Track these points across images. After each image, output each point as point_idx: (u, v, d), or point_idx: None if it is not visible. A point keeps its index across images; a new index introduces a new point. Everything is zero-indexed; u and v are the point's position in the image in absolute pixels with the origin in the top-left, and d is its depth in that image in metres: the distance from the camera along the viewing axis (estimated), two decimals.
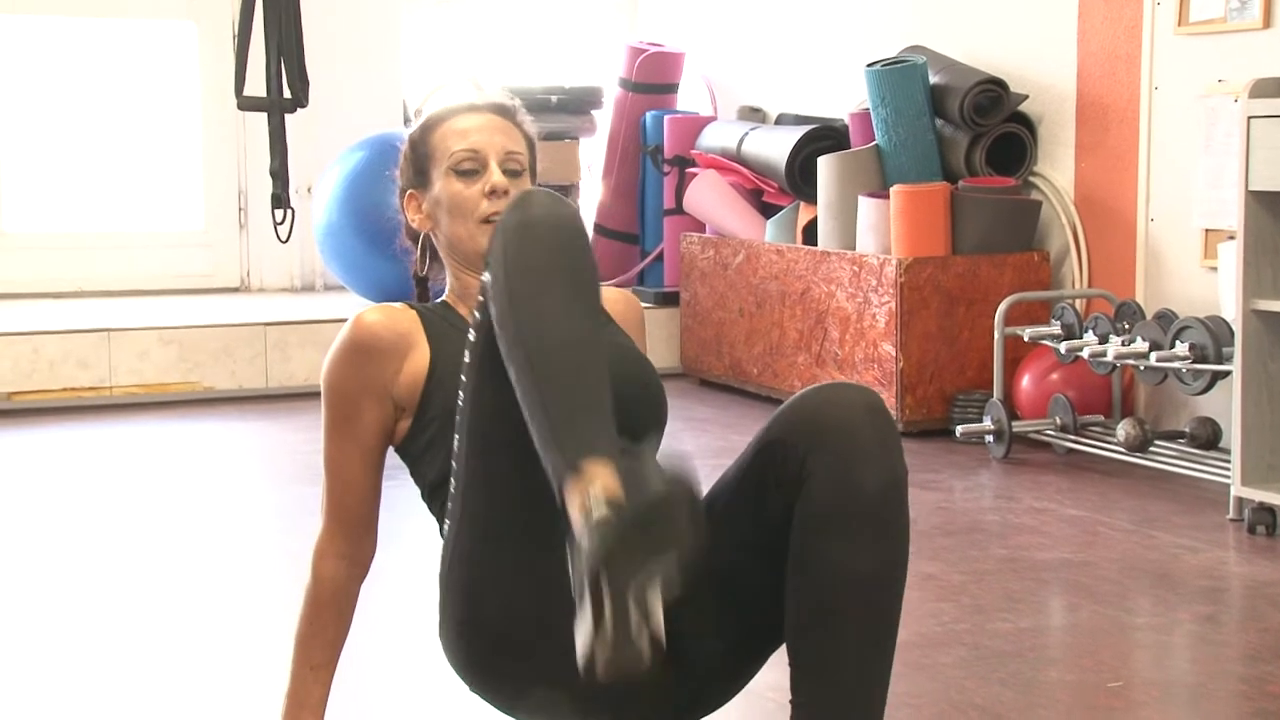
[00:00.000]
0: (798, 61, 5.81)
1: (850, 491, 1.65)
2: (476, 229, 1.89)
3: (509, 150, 1.92)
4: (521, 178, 1.92)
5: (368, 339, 1.85)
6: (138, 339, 5.15)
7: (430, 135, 1.94)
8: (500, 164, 1.90)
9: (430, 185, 1.94)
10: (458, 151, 1.91)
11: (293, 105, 4.95)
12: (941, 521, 3.59)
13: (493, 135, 1.92)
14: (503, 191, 1.88)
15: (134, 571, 3.24)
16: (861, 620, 1.66)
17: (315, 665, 1.93)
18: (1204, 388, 3.81)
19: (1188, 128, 4.19)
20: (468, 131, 1.92)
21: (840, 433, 1.66)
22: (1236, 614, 2.96)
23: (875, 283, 4.58)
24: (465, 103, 1.96)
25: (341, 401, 1.87)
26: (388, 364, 1.84)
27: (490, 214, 1.88)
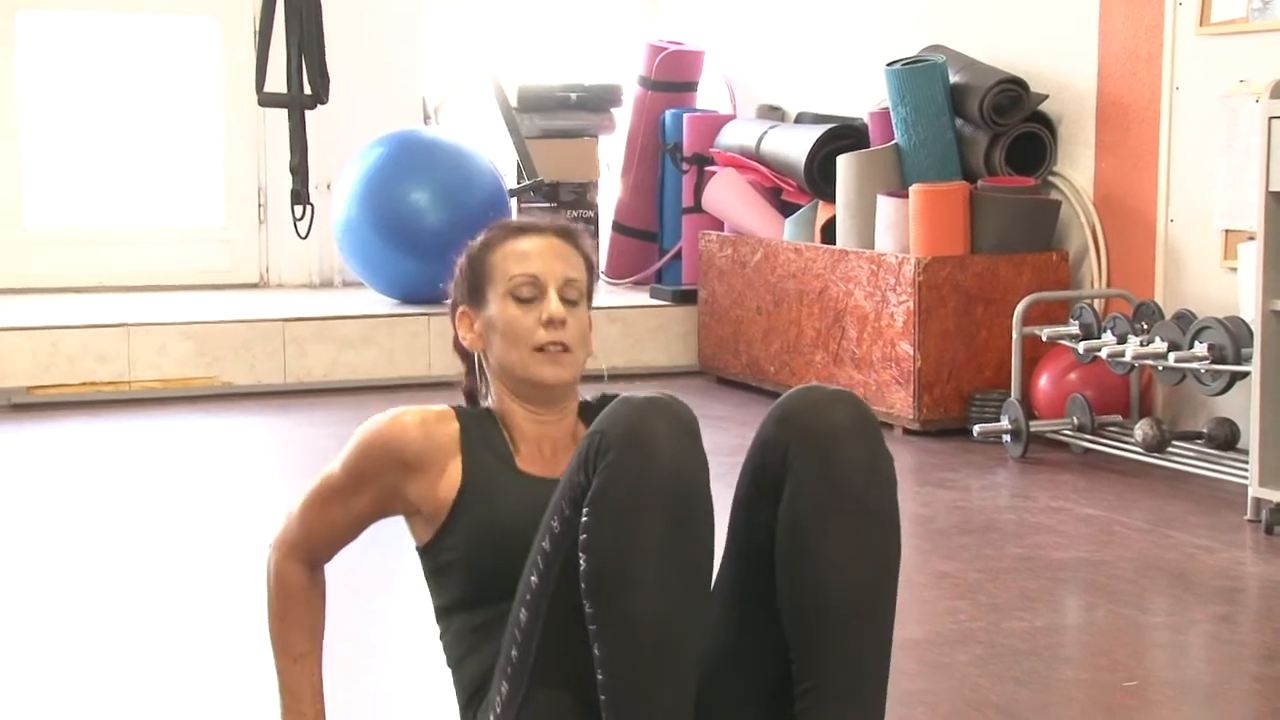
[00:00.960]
0: (817, 60, 5.81)
1: (832, 483, 1.67)
2: (529, 357, 1.84)
3: (569, 278, 1.87)
4: (579, 306, 1.88)
5: (398, 445, 1.82)
6: (157, 334, 5.18)
7: (489, 254, 1.89)
8: (559, 291, 1.85)
9: (485, 305, 1.88)
10: (517, 276, 1.85)
11: (313, 102, 4.97)
12: (958, 520, 3.58)
13: (553, 262, 1.86)
14: (560, 322, 1.83)
15: (152, 565, 3.26)
16: (856, 609, 1.65)
17: (298, 657, 1.92)
18: (1222, 388, 3.80)
19: (1209, 128, 4.17)
20: (528, 255, 1.86)
21: (819, 429, 1.68)
22: (1253, 614, 2.95)
23: (893, 282, 4.58)
24: (528, 222, 1.93)
25: (358, 476, 1.85)
26: (410, 474, 1.82)
27: (546, 343, 1.83)
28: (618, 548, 1.56)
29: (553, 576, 1.65)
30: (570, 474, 1.66)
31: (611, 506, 1.57)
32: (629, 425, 1.60)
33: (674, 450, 1.59)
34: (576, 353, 1.86)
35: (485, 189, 5.58)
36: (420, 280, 5.58)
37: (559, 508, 1.66)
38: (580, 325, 1.87)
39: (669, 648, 1.56)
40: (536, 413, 1.87)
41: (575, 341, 1.85)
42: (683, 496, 1.59)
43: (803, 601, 1.66)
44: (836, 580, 1.66)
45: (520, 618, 1.69)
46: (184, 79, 6.36)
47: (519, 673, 1.69)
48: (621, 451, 1.59)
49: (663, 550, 1.57)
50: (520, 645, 1.69)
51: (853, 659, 1.66)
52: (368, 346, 5.37)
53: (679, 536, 1.58)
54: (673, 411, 1.62)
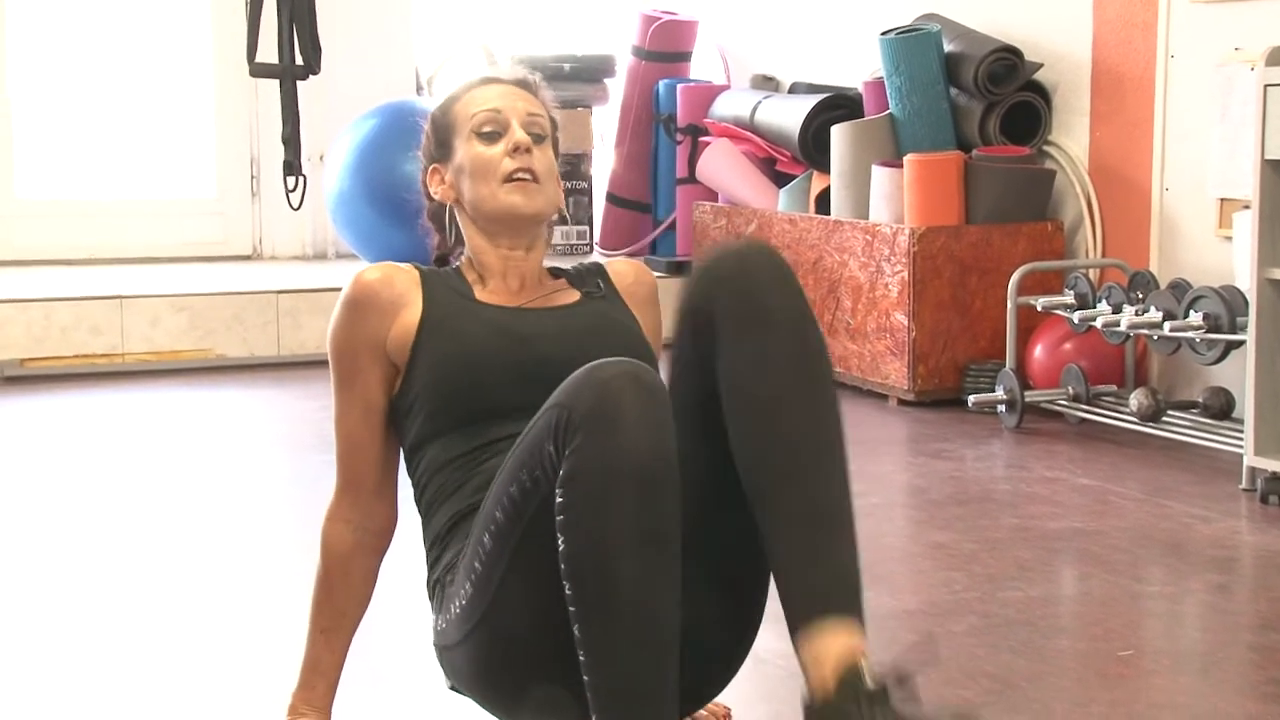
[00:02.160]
0: (811, 30, 5.78)
1: (756, 313, 1.66)
2: (499, 188, 1.89)
3: (531, 112, 1.92)
4: (544, 144, 1.92)
5: (364, 295, 1.87)
6: (150, 306, 5.16)
7: (452, 106, 1.95)
8: (523, 124, 1.91)
9: (453, 154, 1.93)
10: (479, 114, 1.91)
11: (305, 72, 4.94)
12: (953, 491, 3.59)
13: (514, 99, 1.93)
14: (525, 149, 1.89)
15: (147, 538, 3.25)
16: (800, 411, 1.65)
17: (324, 629, 1.94)
18: (1217, 357, 3.80)
19: (1204, 96, 4.16)
20: (489, 96, 1.93)
21: (739, 274, 1.69)
22: (1248, 583, 2.96)
23: (888, 252, 4.57)
24: (485, 75, 1.99)
25: (343, 360, 1.89)
26: (383, 320, 1.86)
27: (513, 171, 1.88)
28: (596, 531, 1.55)
29: (520, 527, 1.65)
30: (536, 437, 1.61)
31: (586, 490, 1.55)
32: (597, 405, 1.55)
33: (644, 428, 1.55)
34: (545, 184, 1.90)
35: None
36: (414, 252, 5.51)
37: (526, 464, 1.62)
38: (547, 160, 1.92)
39: (650, 624, 1.55)
40: (508, 247, 1.92)
41: (543, 173, 1.90)
42: (653, 478, 1.55)
43: (751, 442, 1.65)
44: (776, 384, 1.65)
45: (484, 541, 1.68)
46: (175, 49, 6.32)
47: (482, 588, 1.68)
48: (591, 434, 1.55)
49: (638, 529, 1.55)
50: (484, 564, 1.68)
51: (811, 481, 1.64)
52: None
53: (653, 513, 1.56)
54: (640, 384, 1.57)
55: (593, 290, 1.95)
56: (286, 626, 2.67)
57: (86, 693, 2.35)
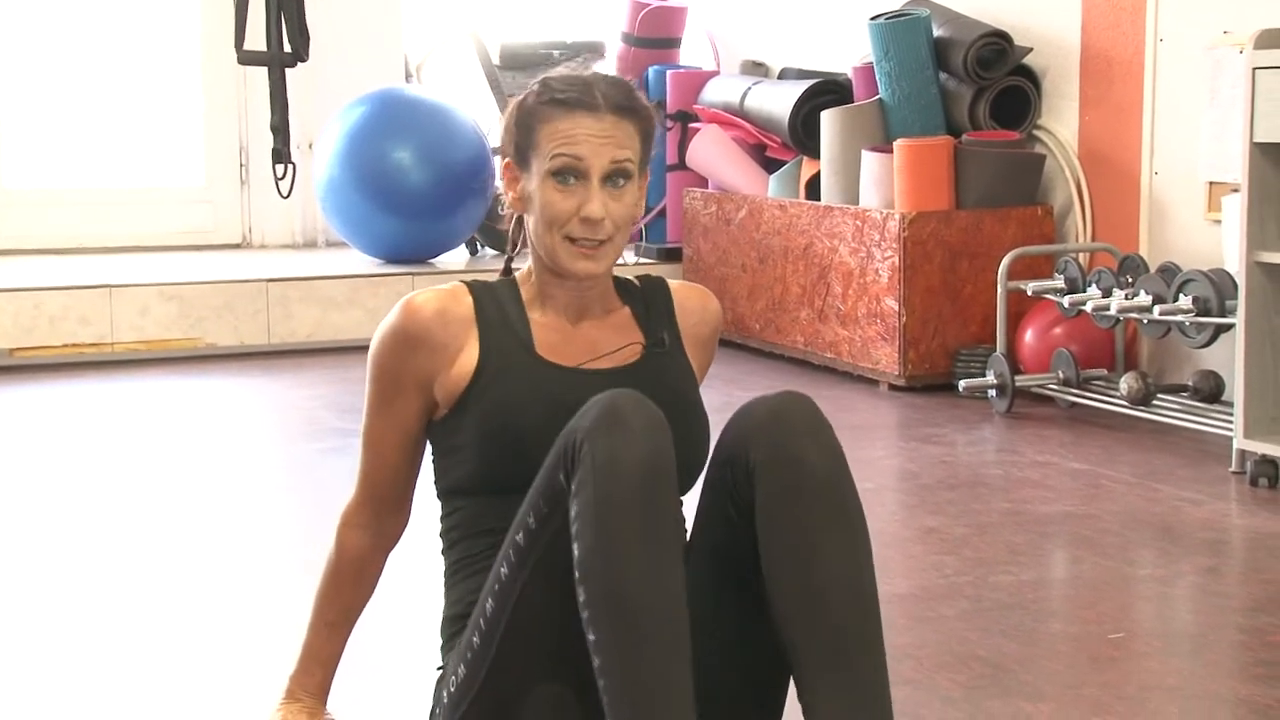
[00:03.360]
0: (801, 15, 5.78)
1: (796, 470, 1.65)
2: (560, 245, 1.76)
3: (616, 160, 1.75)
4: (628, 186, 1.77)
5: (417, 330, 1.77)
6: (139, 295, 5.15)
7: (538, 124, 1.76)
8: (604, 177, 1.75)
9: (527, 171, 1.78)
10: (560, 156, 1.74)
11: (293, 60, 4.93)
12: (944, 475, 3.59)
13: (601, 147, 1.74)
14: (599, 221, 1.74)
15: (139, 528, 3.25)
16: (843, 592, 1.63)
17: (330, 623, 1.93)
18: (1207, 341, 3.81)
19: (1193, 80, 4.16)
20: (575, 137, 1.74)
21: (773, 423, 1.67)
22: (1238, 566, 2.97)
23: (878, 237, 4.57)
24: (583, 91, 1.76)
25: (385, 383, 1.81)
26: (433, 359, 1.77)
27: (580, 238, 1.75)
28: (603, 529, 1.57)
29: (524, 573, 1.64)
30: (548, 472, 1.64)
31: (592, 490, 1.57)
32: (601, 417, 1.60)
33: (645, 431, 1.59)
34: (616, 239, 1.77)
35: (467, 148, 5.55)
36: (404, 239, 5.56)
37: (535, 505, 1.64)
38: (624, 209, 1.77)
39: (661, 620, 1.56)
40: (571, 291, 1.82)
41: (615, 229, 1.77)
42: (655, 474, 1.59)
43: (792, 592, 1.64)
44: (816, 559, 1.64)
45: (486, 606, 1.68)
46: (163, 37, 6.30)
47: (479, 661, 1.69)
48: (596, 440, 1.58)
49: (642, 525, 1.57)
50: (483, 634, 1.68)
51: (855, 667, 1.63)
52: (352, 306, 5.34)
53: (656, 510, 1.59)
54: (641, 400, 1.62)
55: (657, 345, 1.84)
56: (279, 615, 2.67)
57: (78, 684, 2.35)
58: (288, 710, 1.95)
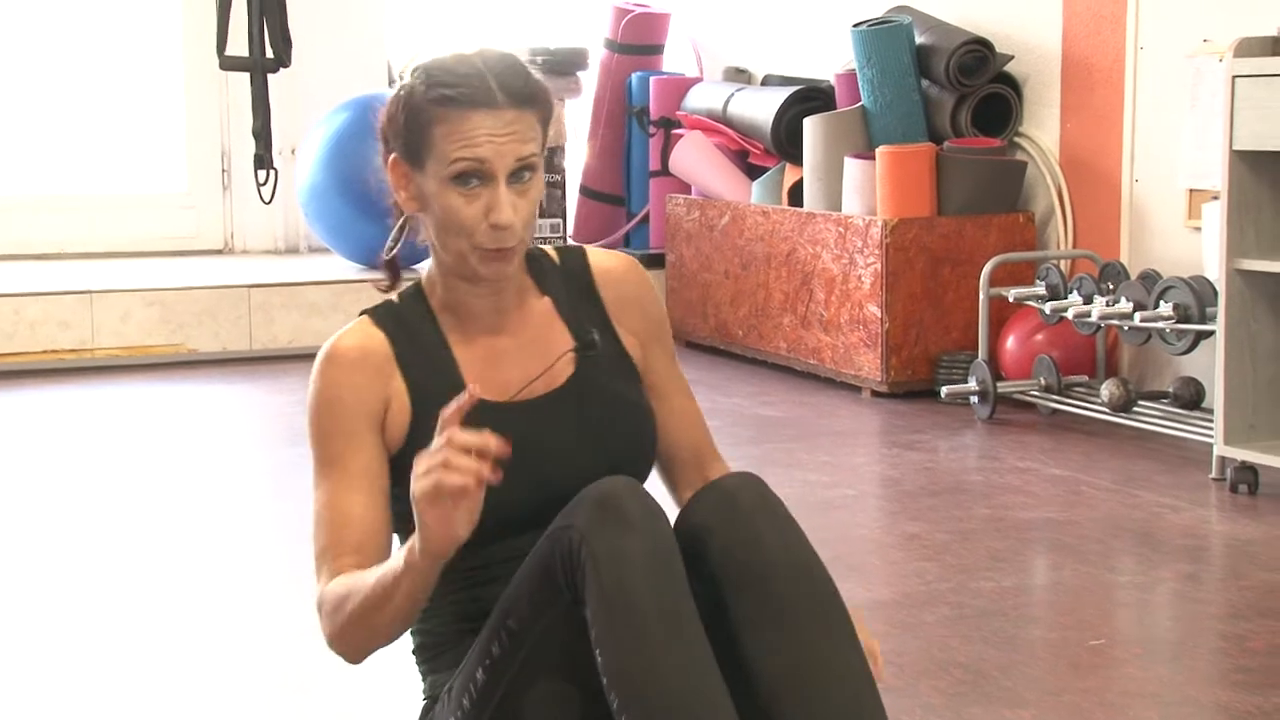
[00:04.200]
0: (784, 22, 5.79)
1: (755, 551, 1.59)
2: (469, 251, 1.64)
3: (521, 157, 1.62)
4: (532, 180, 1.64)
5: (348, 359, 1.66)
6: (120, 301, 5.13)
7: (432, 124, 1.61)
8: (509, 174, 1.61)
9: (422, 170, 1.64)
10: (460, 161, 1.60)
11: (275, 65, 4.92)
12: (926, 482, 3.60)
13: (505, 143, 1.60)
14: (507, 227, 1.62)
15: (119, 535, 3.24)
16: (828, 670, 1.57)
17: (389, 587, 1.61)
18: (1187, 348, 3.82)
19: (1173, 88, 4.18)
20: (475, 139, 1.60)
21: (725, 507, 1.61)
22: (1218, 572, 2.98)
23: (861, 244, 4.58)
24: (478, 85, 1.61)
25: (336, 432, 1.65)
26: (372, 393, 1.66)
27: (492, 248, 1.63)
28: (627, 639, 1.52)
29: (521, 654, 1.59)
30: (542, 561, 1.57)
31: (607, 603, 1.52)
32: (599, 513, 1.54)
33: (647, 521, 1.54)
34: (525, 235, 1.65)
35: None
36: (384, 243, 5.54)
37: (530, 594, 1.58)
38: (530, 204, 1.64)
39: (702, 709, 1.51)
40: (483, 292, 1.69)
41: (524, 227, 1.64)
42: (664, 561, 1.54)
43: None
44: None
45: (477, 677, 1.63)
46: (144, 43, 6.28)
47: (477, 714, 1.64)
48: (600, 538, 1.53)
49: (666, 627, 1.52)
50: (475, 701, 1.63)
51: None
52: (334, 312, 5.33)
53: (674, 608, 1.54)
54: (635, 489, 1.57)
55: (588, 348, 1.71)
56: (261, 621, 2.66)
57: (61, 689, 2.34)
58: None
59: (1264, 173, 3.42)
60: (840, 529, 3.18)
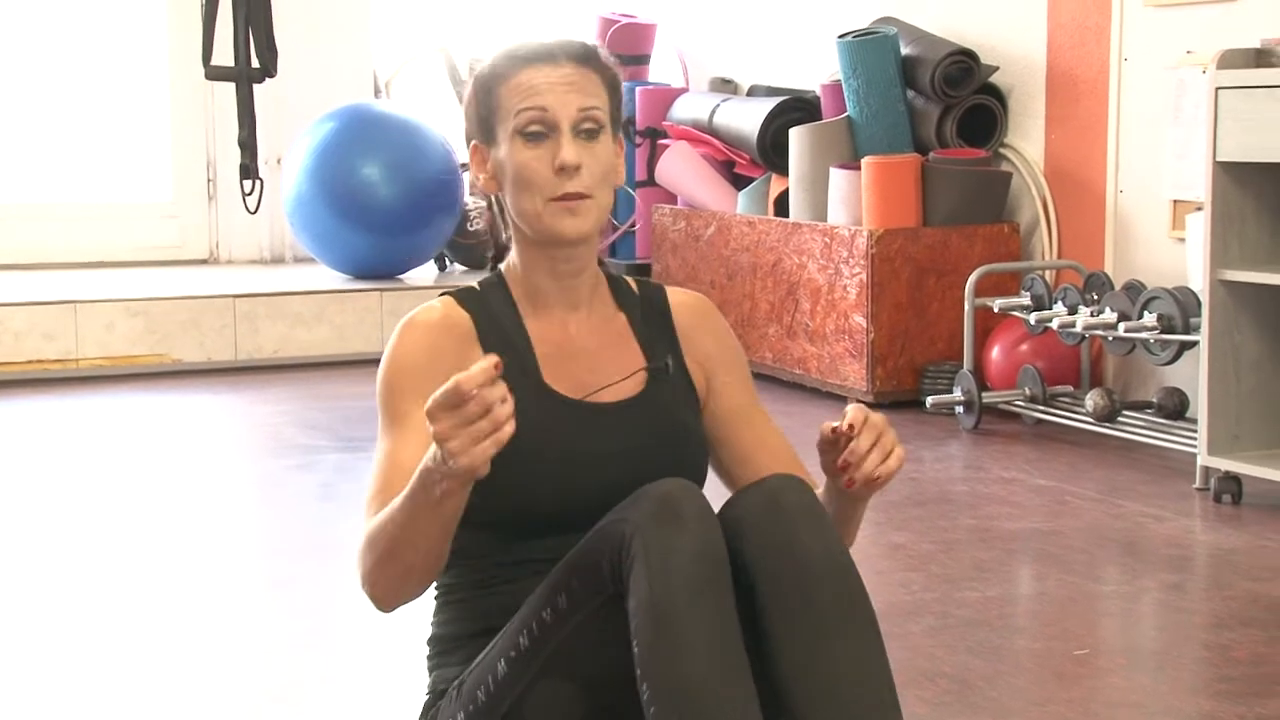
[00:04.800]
0: (769, 33, 5.80)
1: (797, 560, 1.59)
2: (543, 207, 1.67)
3: (584, 107, 1.67)
4: (601, 136, 1.68)
5: (424, 336, 1.68)
6: (104, 311, 5.12)
7: (497, 86, 1.69)
8: (574, 126, 1.67)
9: (495, 143, 1.70)
10: (525, 111, 1.66)
11: (261, 75, 4.91)
12: (911, 492, 3.60)
13: (566, 94, 1.66)
14: (574, 168, 1.66)
15: (104, 545, 3.22)
16: (858, 685, 1.58)
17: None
18: (1171, 358, 3.84)
19: (1157, 99, 4.20)
20: (537, 88, 1.66)
21: (769, 512, 1.61)
22: (1202, 582, 2.98)
23: (846, 254, 4.59)
24: (538, 47, 1.70)
25: (398, 412, 1.66)
26: (445, 364, 1.64)
27: (563, 193, 1.66)
28: (666, 634, 1.52)
29: (548, 649, 1.59)
30: (587, 556, 1.58)
31: (651, 596, 1.52)
32: (658, 510, 1.55)
33: (701, 524, 1.55)
34: (598, 195, 1.68)
35: (437, 163, 5.54)
36: (372, 255, 5.54)
37: (568, 585, 1.58)
38: (601, 162, 1.68)
39: (731, 711, 1.51)
40: (563, 261, 1.72)
41: (595, 184, 1.67)
42: (712, 583, 1.54)
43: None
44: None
45: (498, 668, 1.62)
46: (129, 52, 6.27)
47: (482, 718, 1.63)
48: (655, 533, 1.53)
49: (706, 628, 1.53)
50: (491, 695, 1.62)
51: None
52: (319, 323, 5.33)
53: (717, 611, 1.54)
54: (693, 492, 1.58)
55: (660, 371, 1.75)
56: (245, 631, 2.66)
57: (44, 699, 2.33)
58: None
59: (1247, 184, 3.43)
60: None
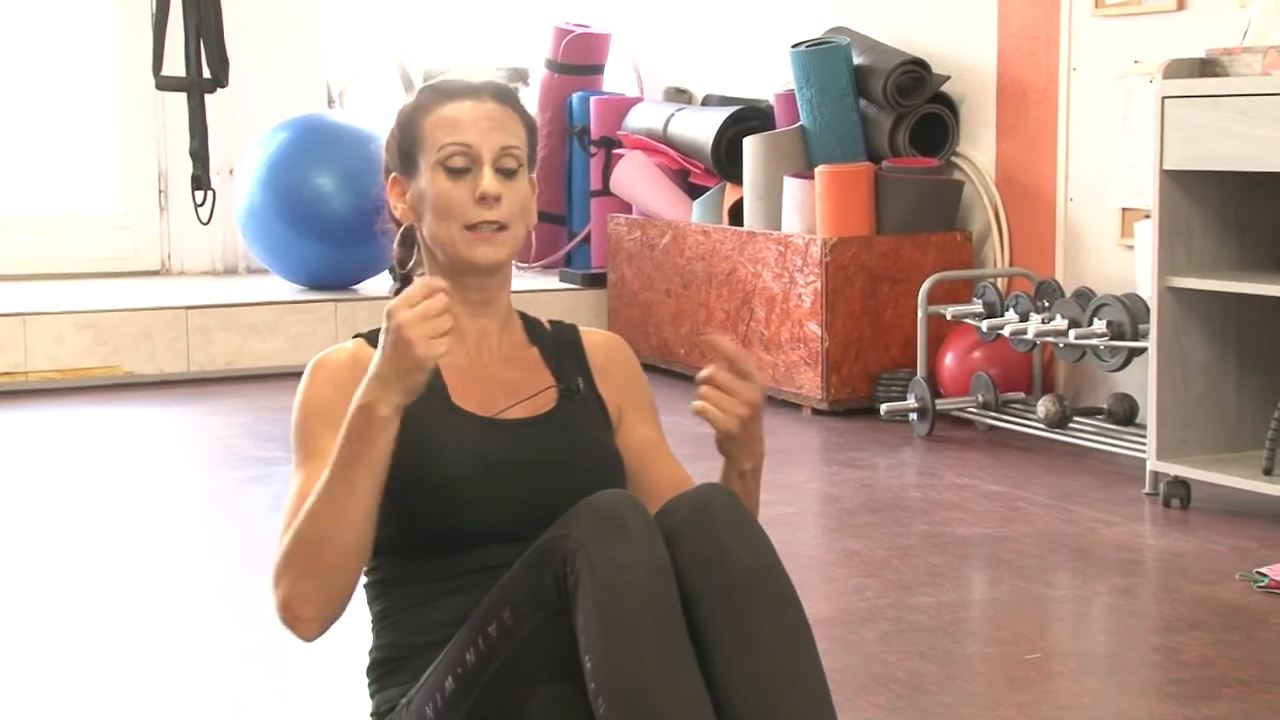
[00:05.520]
0: (723, 43, 5.82)
1: (724, 564, 1.61)
2: (460, 234, 1.73)
3: (505, 145, 1.74)
4: (518, 175, 1.75)
5: (330, 373, 1.72)
6: (53, 323, 5.07)
7: (421, 119, 1.76)
8: (494, 162, 1.73)
9: (416, 174, 1.76)
10: (448, 145, 1.73)
11: (212, 85, 4.89)
12: (865, 499, 3.62)
13: (488, 130, 1.73)
14: (494, 199, 1.72)
15: (56, 559, 3.19)
16: (790, 680, 1.59)
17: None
18: (1121, 364, 3.88)
19: (1105, 108, 4.24)
20: (461, 123, 1.73)
21: (697, 519, 1.63)
22: (1151, 586, 3.01)
23: (800, 262, 4.61)
24: (461, 83, 1.77)
25: (314, 428, 1.70)
26: (358, 388, 1.64)
27: (479, 221, 1.72)
28: (619, 647, 1.53)
29: (495, 665, 1.60)
30: (531, 571, 1.59)
31: (601, 610, 1.53)
32: (601, 522, 1.57)
33: (645, 535, 1.57)
34: (513, 228, 1.74)
35: None
36: (326, 266, 5.52)
37: (513, 601, 1.59)
38: (518, 197, 1.74)
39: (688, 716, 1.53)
40: (476, 290, 1.76)
41: (512, 216, 1.74)
42: (660, 593, 1.56)
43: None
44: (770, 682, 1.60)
45: (445, 686, 1.63)
46: (80, 62, 6.22)
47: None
48: (599, 544, 1.55)
49: (658, 638, 1.54)
50: (440, 711, 1.63)
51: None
52: (273, 333, 5.30)
53: (668, 620, 1.56)
54: (635, 503, 1.60)
55: (572, 391, 1.80)
56: (202, 644, 2.64)
57: None
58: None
59: (1194, 192, 3.48)
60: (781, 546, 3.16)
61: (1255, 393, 3.55)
